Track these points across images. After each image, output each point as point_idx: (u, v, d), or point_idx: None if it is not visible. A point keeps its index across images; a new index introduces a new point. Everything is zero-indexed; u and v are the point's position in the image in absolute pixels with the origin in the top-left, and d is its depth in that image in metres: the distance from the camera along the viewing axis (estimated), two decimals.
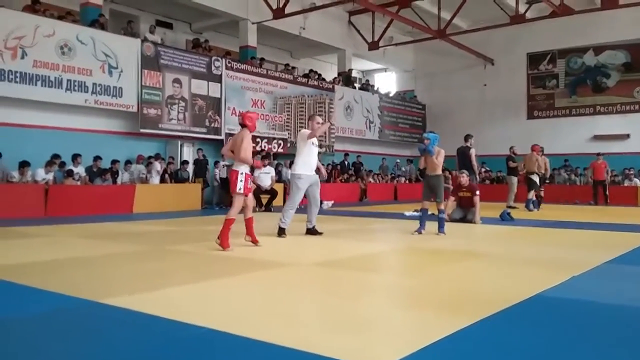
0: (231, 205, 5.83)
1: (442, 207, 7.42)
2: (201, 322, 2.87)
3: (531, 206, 12.23)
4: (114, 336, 2.77)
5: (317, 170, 7.25)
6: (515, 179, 13.30)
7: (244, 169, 5.76)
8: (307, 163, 7.01)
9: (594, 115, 19.09)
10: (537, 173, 12.58)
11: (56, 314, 3.16)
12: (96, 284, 3.99)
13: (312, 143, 7.05)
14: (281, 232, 6.93)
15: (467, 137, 11.26)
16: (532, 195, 12.48)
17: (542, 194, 13.24)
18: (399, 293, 4.01)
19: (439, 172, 7.38)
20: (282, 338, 2.61)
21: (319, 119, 7.17)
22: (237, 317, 3.09)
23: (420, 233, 7.31)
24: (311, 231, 7.13)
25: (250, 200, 6.00)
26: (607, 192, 15.26)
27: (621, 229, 8.31)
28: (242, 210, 5.92)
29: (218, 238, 5.68)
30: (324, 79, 18.19)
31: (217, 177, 13.25)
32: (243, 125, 5.93)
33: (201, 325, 2.82)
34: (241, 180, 5.67)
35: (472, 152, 10.81)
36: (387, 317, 3.19)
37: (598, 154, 15.73)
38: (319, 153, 7.49)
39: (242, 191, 5.70)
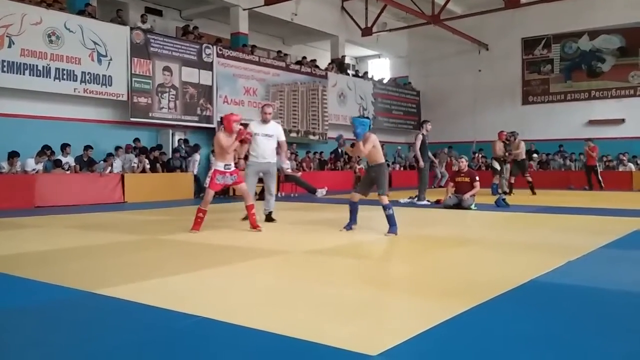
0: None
1: (387, 201, 6.07)
2: (195, 311, 2.86)
3: (499, 191, 12.33)
4: (108, 326, 2.76)
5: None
6: (507, 165, 13.35)
7: (214, 166, 6.46)
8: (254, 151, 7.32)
9: (589, 100, 19.03)
10: (501, 158, 12.83)
11: (50, 304, 3.14)
12: (90, 275, 3.97)
13: (256, 133, 7.15)
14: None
15: (422, 123, 11.17)
16: (496, 180, 12.76)
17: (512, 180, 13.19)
18: (394, 279, 3.98)
19: (381, 160, 6.23)
20: (277, 326, 2.58)
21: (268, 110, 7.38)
22: (231, 305, 3.07)
23: (350, 229, 6.30)
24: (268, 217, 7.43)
25: (244, 189, 6.45)
26: (600, 177, 15.25)
27: (616, 213, 8.29)
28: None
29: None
30: (317, 66, 18.03)
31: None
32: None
33: (195, 314, 2.81)
34: (208, 176, 6.52)
35: (419, 137, 10.63)
36: (383, 304, 3.18)
37: (587, 139, 15.68)
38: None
39: (206, 185, 6.58)
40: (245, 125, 6.76)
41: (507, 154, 12.97)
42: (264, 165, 7.24)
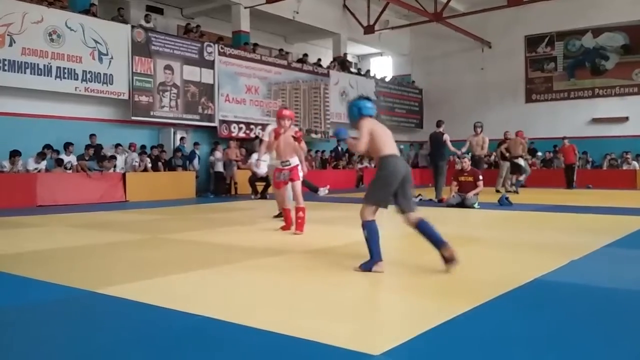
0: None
1: (367, 217, 3.97)
2: (197, 310, 2.86)
3: (514, 188, 12.79)
4: (110, 325, 2.76)
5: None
6: (506, 164, 13.46)
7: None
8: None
9: (593, 98, 18.95)
10: (522, 157, 13.18)
11: (51, 304, 3.14)
12: (91, 274, 3.97)
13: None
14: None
15: (439, 123, 11.28)
16: (522, 177, 13.11)
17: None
18: (397, 279, 3.95)
19: (380, 152, 4.06)
20: (278, 325, 2.58)
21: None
22: (233, 305, 3.07)
23: (380, 270, 3.91)
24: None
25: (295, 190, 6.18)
26: (575, 177, 15.20)
27: (620, 212, 8.25)
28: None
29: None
30: (320, 65, 17.99)
31: (214, 165, 13.21)
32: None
33: (198, 313, 2.81)
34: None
35: (447, 137, 10.84)
36: (384, 304, 3.19)
37: (564, 138, 15.61)
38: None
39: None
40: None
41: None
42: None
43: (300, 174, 6.27)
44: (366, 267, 3.88)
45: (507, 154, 13.26)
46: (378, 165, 4.08)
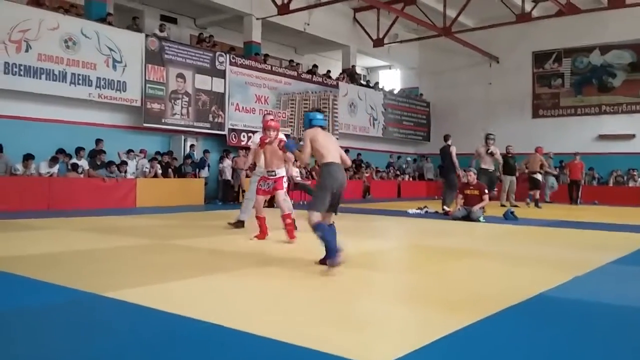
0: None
1: (314, 219, 4.35)
2: (202, 316, 2.88)
3: (528, 201, 13.20)
4: (115, 329, 2.79)
5: None
6: (509, 178, 13.53)
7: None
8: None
9: (600, 115, 18.97)
10: (540, 172, 13.52)
11: (57, 306, 3.17)
12: (99, 277, 4.00)
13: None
14: (238, 224, 7.33)
15: (446, 137, 11.36)
16: (536, 193, 13.44)
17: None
18: (401, 291, 4.00)
19: (322, 159, 4.49)
20: (283, 334, 2.60)
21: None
22: (237, 312, 3.09)
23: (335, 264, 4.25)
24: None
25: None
26: (580, 193, 15.32)
27: (625, 229, 8.26)
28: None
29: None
30: (329, 76, 18.15)
31: (223, 173, 13.35)
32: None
33: (202, 319, 2.83)
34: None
35: (453, 149, 10.92)
36: (389, 315, 3.18)
37: (575, 154, 15.73)
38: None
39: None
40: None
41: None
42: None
43: (285, 185, 6.38)
44: (332, 262, 4.13)
45: (526, 170, 13.57)
46: (320, 172, 4.46)
